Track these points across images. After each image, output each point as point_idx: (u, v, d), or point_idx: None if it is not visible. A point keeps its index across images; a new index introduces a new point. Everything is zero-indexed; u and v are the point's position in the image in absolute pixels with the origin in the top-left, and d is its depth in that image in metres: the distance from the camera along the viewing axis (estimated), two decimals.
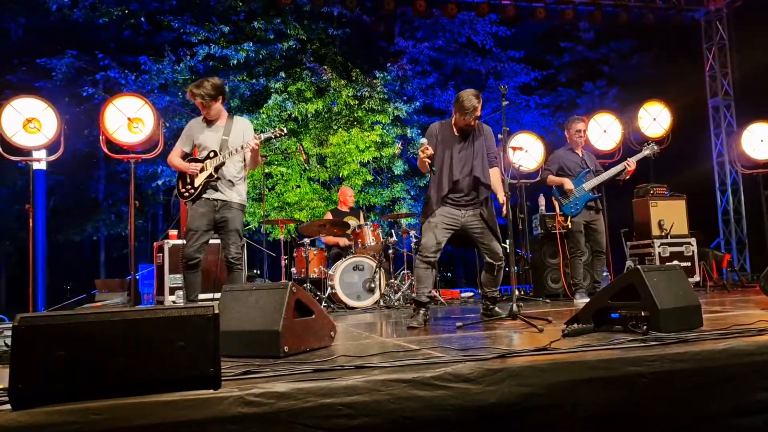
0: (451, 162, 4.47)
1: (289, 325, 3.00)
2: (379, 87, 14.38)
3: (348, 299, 6.82)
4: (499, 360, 2.50)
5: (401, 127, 14.75)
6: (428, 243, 4.43)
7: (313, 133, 14.23)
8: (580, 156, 6.47)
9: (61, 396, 1.95)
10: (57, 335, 1.98)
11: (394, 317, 5.50)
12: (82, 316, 2.05)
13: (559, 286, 7.09)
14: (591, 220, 6.32)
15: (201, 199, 4.75)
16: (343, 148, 13.68)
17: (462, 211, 4.50)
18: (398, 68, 15.05)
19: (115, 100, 7.14)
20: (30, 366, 1.94)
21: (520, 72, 16.76)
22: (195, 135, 4.84)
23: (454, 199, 4.48)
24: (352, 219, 7.96)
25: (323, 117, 14.23)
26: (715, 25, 11.52)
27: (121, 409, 1.93)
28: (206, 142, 4.81)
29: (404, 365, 2.47)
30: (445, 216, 4.46)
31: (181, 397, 2.01)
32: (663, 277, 3.32)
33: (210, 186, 4.75)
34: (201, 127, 4.85)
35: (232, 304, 3.18)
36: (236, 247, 4.79)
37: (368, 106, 14.24)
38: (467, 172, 4.48)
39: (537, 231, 7.54)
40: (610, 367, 2.41)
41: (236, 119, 4.97)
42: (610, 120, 8.64)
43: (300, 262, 7.29)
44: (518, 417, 2.21)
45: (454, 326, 4.15)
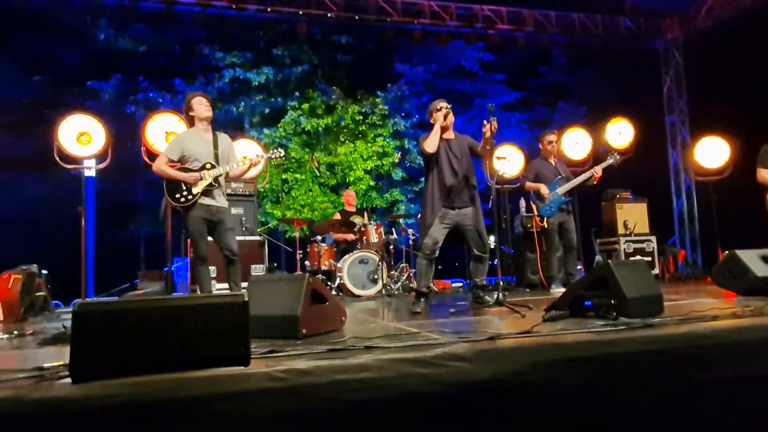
0: (446, 167, 4.48)
1: (307, 311, 3.01)
2: (381, 105, 14.40)
3: (354, 288, 6.82)
4: (489, 341, 2.50)
5: (400, 139, 14.76)
6: (428, 242, 4.43)
7: (323, 144, 14.23)
8: (553, 165, 6.47)
9: (114, 372, 1.95)
10: (110, 319, 1.98)
11: (395, 304, 5.50)
12: (131, 303, 2.05)
13: (537, 278, 7.07)
14: (564, 221, 6.32)
15: (196, 205, 4.64)
16: (349, 157, 13.71)
17: (455, 211, 4.50)
18: (397, 89, 15.07)
19: (155, 117, 7.14)
20: (87, 345, 1.94)
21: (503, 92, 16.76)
22: (187, 146, 4.68)
23: (448, 201, 4.48)
24: (358, 218, 7.96)
25: (332, 131, 14.24)
26: (671, 52, 11.51)
27: (164, 383, 1.93)
28: (199, 154, 4.68)
29: (407, 346, 2.47)
30: (443, 217, 4.47)
31: (216, 373, 2.01)
32: (629, 270, 3.32)
33: (204, 194, 4.66)
34: (194, 140, 4.73)
35: (257, 292, 3.18)
36: (235, 242, 4.77)
37: (371, 121, 14.26)
38: (460, 176, 4.49)
39: (518, 230, 7.54)
40: (586, 348, 2.41)
41: (219, 135, 4.87)
42: (581, 134, 8.62)
43: (313, 256, 7.29)
44: (508, 392, 2.21)
45: (448, 312, 4.15)
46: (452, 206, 4.49)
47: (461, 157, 4.53)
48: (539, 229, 6.51)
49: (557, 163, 6.53)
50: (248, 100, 14.36)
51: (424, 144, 4.51)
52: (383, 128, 14.34)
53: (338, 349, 2.46)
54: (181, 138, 4.81)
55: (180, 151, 4.69)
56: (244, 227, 6.97)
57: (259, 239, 6.96)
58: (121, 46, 14.54)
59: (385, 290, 6.84)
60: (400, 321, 3.81)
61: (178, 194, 4.63)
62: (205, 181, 4.66)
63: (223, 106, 13.92)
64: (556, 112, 17.40)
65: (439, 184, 4.49)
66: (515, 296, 5.70)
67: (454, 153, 4.53)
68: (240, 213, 7.03)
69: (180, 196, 4.63)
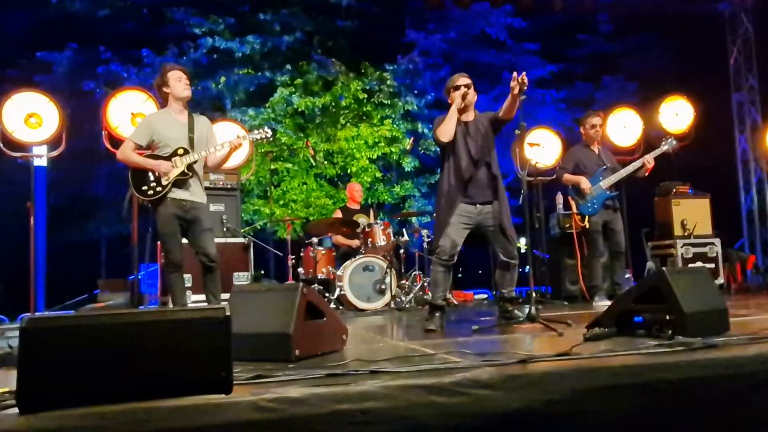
0: (465, 155, 4.48)
1: (301, 328, 3.01)
2: (389, 80, 14.39)
3: (357, 301, 6.82)
4: (520, 365, 2.50)
5: (412, 122, 14.74)
6: (445, 245, 4.42)
7: (320, 128, 14.25)
8: (596, 153, 6.46)
9: (70, 400, 1.96)
10: (66, 337, 1.99)
11: (406, 320, 5.50)
12: (90, 318, 2.06)
13: (577, 288, 7.05)
14: (609, 220, 6.30)
15: (166, 199, 4.61)
16: (351, 143, 13.71)
17: (477, 207, 4.50)
18: (409, 61, 15.03)
19: (118, 95, 7.15)
20: (38, 369, 1.95)
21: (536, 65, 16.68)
22: (157, 130, 4.66)
23: (468, 196, 4.48)
24: (362, 217, 7.96)
25: (331, 111, 14.24)
26: (739, 17, 11.44)
27: (130, 414, 1.94)
28: (171, 139, 4.67)
29: (421, 370, 2.47)
30: (462, 215, 4.45)
31: (191, 402, 2.02)
32: (688, 279, 3.31)
33: (176, 185, 4.63)
34: (164, 122, 4.71)
35: (241, 306, 3.18)
36: (214, 246, 4.75)
37: (378, 100, 14.26)
38: (481, 164, 4.49)
39: (554, 231, 7.52)
40: (635, 373, 2.40)
41: (196, 117, 4.88)
42: (630, 115, 8.59)
43: (308, 262, 7.29)
44: (540, 425, 2.21)
45: (469, 329, 4.15)
46: (472, 202, 4.49)
47: (480, 140, 4.52)
48: (579, 230, 6.47)
49: (601, 151, 6.51)
50: (230, 75, 14.39)
51: (438, 131, 4.51)
52: (392, 109, 14.34)
53: (338, 374, 2.47)
54: (150, 120, 4.80)
55: (149, 136, 4.68)
56: (225, 227, 6.98)
57: (243, 242, 6.97)
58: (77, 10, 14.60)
59: (395, 303, 6.84)
60: (412, 340, 3.81)
61: (146, 186, 4.62)
62: (177, 170, 4.64)
63: (200, 82, 13.95)
64: (600, 90, 17.34)
65: (456, 175, 4.49)
66: (551, 310, 5.68)
67: (473, 137, 4.53)
68: (220, 210, 7.05)
69: (148, 189, 4.61)
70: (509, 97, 4.31)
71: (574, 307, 6.17)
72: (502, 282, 4.66)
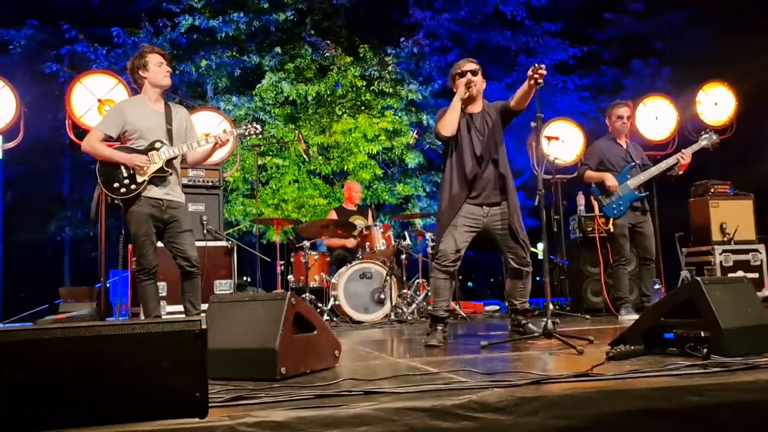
0: (469, 150, 4.48)
1: (288, 342, 3.00)
2: (391, 66, 14.40)
3: (354, 312, 6.82)
4: (533, 387, 2.49)
5: (416, 113, 14.77)
6: (447, 249, 4.43)
7: (313, 119, 14.26)
8: (624, 147, 6.45)
9: (22, 425, 1.95)
10: (21, 354, 1.98)
11: (408, 334, 5.50)
12: (47, 331, 2.05)
13: (600, 300, 7.05)
14: (637, 223, 6.30)
15: (141, 198, 4.62)
16: (348, 137, 13.73)
17: (484, 209, 4.51)
18: (413, 44, 15.05)
19: (84, 79, 7.16)
20: None
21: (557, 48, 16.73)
22: (129, 119, 4.66)
23: (474, 196, 4.48)
24: (359, 219, 7.97)
25: (325, 100, 14.27)
26: None
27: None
28: (146, 130, 4.68)
29: (422, 391, 2.47)
30: (467, 216, 4.46)
31: (162, 427, 2.01)
32: (727, 290, 3.29)
33: (153, 182, 4.65)
34: (139, 111, 4.72)
35: (220, 318, 3.18)
36: (195, 248, 4.78)
37: (378, 88, 14.28)
38: (487, 161, 4.50)
39: (574, 234, 7.51)
40: (665, 396, 2.39)
41: (174, 107, 4.90)
42: (663, 105, 8.59)
43: (298, 269, 7.30)
44: None
45: (478, 345, 4.14)
46: (478, 203, 4.50)
47: (488, 134, 4.53)
48: (603, 234, 6.47)
49: (629, 146, 6.50)
50: (212, 58, 14.40)
51: (439, 124, 4.53)
52: (394, 98, 14.37)
53: (329, 395, 2.46)
54: (122, 108, 4.80)
55: (120, 125, 4.68)
56: (206, 229, 6.99)
57: (225, 245, 6.98)
58: None
59: (395, 315, 6.85)
60: (414, 357, 3.80)
61: (117, 183, 4.62)
62: (155, 165, 4.65)
63: (178, 65, 13.97)
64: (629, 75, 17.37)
65: (460, 173, 4.50)
66: (570, 325, 5.67)
67: (479, 130, 4.54)
68: (200, 210, 7.05)
69: (119, 186, 4.62)
70: (524, 85, 4.31)
71: (597, 322, 6.16)
72: (513, 292, 4.66)
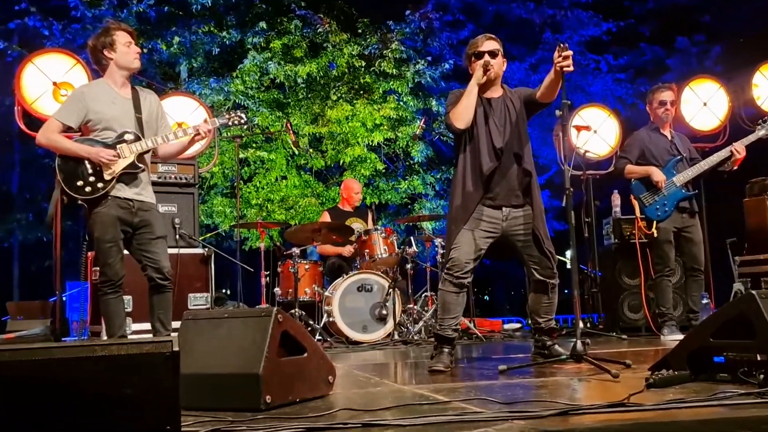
0: (486, 143, 4.47)
1: (274, 366, 3.01)
2: (395, 43, 14.39)
3: (350, 331, 6.83)
4: (560, 418, 2.49)
5: (424, 98, 14.76)
6: (460, 258, 4.41)
7: (304, 105, 14.26)
8: (668, 138, 6.45)
9: None
10: None
11: (414, 356, 5.50)
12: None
13: (639, 317, 7.04)
14: (684, 227, 6.30)
15: (108, 198, 4.64)
16: (345, 126, 13.73)
17: (504, 212, 4.50)
18: (420, 17, 15.06)
19: (36, 59, 7.16)
20: None
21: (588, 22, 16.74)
22: (93, 107, 4.67)
23: (492, 196, 4.48)
24: (357, 222, 7.97)
25: (318, 84, 14.27)
26: None
27: None
28: (112, 119, 4.70)
29: (429, 423, 2.47)
30: (483, 220, 4.46)
31: None
32: None
33: (122, 180, 4.67)
34: (103, 97, 4.73)
35: (195, 337, 3.18)
36: (168, 258, 4.81)
37: (379, 68, 14.28)
38: (508, 156, 4.49)
39: (609, 240, 7.51)
40: (714, 430, 2.39)
41: (142, 91, 4.92)
42: (712, 89, 8.57)
43: (286, 280, 7.31)
44: None
45: (495, 370, 4.14)
46: (497, 204, 4.49)
47: (509, 125, 4.53)
48: (644, 240, 6.47)
49: (674, 137, 6.51)
50: (186, 35, 14.42)
51: (452, 114, 4.49)
52: (398, 80, 14.36)
53: (322, 428, 2.46)
54: (83, 93, 4.80)
55: (82, 114, 4.69)
56: (179, 234, 7.00)
57: (201, 253, 6.99)
58: None
59: (399, 334, 6.85)
60: (420, 383, 3.80)
61: (81, 181, 4.62)
62: (125, 161, 4.67)
63: (146, 42, 14.00)
64: (674, 54, 17.35)
65: (475, 169, 4.48)
66: (603, 346, 5.67)
67: (498, 120, 4.53)
68: (172, 212, 7.06)
69: (84, 184, 4.62)
70: (550, 73, 4.30)
71: (635, 343, 6.16)
72: (537, 308, 4.66)
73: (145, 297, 4.87)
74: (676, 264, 6.45)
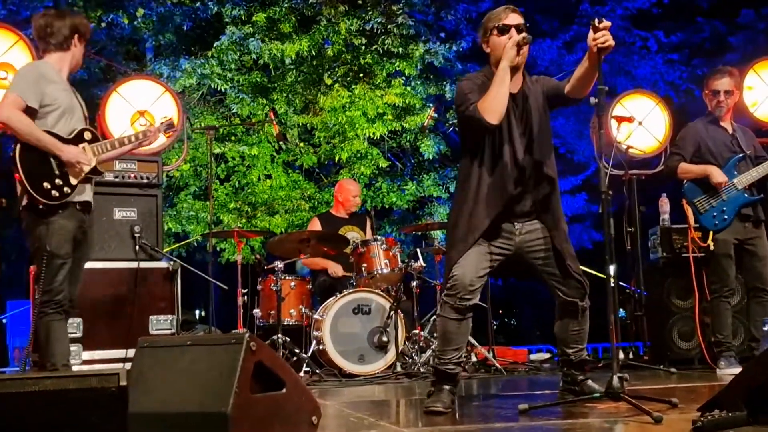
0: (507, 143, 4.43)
1: (245, 404, 3.00)
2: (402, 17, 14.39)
3: (345, 361, 6.82)
4: None
5: (436, 83, 14.75)
6: (464, 277, 4.37)
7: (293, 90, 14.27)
8: (729, 132, 6.44)
9: None
10: None
11: (420, 392, 5.49)
12: None
13: (692, 345, 7.02)
14: (747, 238, 6.29)
15: (69, 206, 4.80)
16: (341, 115, 13.73)
17: (518, 225, 4.49)
18: None
19: None
20: None
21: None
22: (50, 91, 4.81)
23: (507, 206, 4.45)
24: (353, 230, 7.97)
25: (310, 65, 14.28)
26: None
27: None
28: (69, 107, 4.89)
29: None
30: (494, 234, 4.45)
31: None
32: None
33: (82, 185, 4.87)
34: (59, 84, 4.89)
35: (153, 369, 3.17)
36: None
37: (383, 47, 14.26)
38: (529, 160, 4.46)
39: (656, 254, 7.49)
40: None
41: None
42: None
43: (268, 300, 7.32)
44: None
45: (515, 409, 4.13)
46: (512, 216, 4.48)
47: (533, 122, 4.50)
48: (699, 254, 6.44)
49: (737, 130, 6.50)
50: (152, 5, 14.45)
51: (481, 107, 4.40)
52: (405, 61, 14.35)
53: None
54: (41, 71, 4.89)
55: (39, 96, 4.77)
56: (138, 245, 6.99)
57: (166, 267, 6.98)
58: None
59: (402, 365, 6.85)
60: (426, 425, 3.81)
61: (48, 182, 4.72)
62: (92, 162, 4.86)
63: (105, 15, 14.03)
64: (737, 32, 17.33)
65: (492, 173, 4.45)
66: (648, 381, 5.67)
67: (520, 115, 4.50)
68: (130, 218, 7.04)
69: (51, 187, 4.72)
70: (585, 60, 4.27)
71: (686, 377, 6.15)
72: (565, 336, 4.65)
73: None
74: (737, 283, 6.41)
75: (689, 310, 7.03)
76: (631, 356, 7.52)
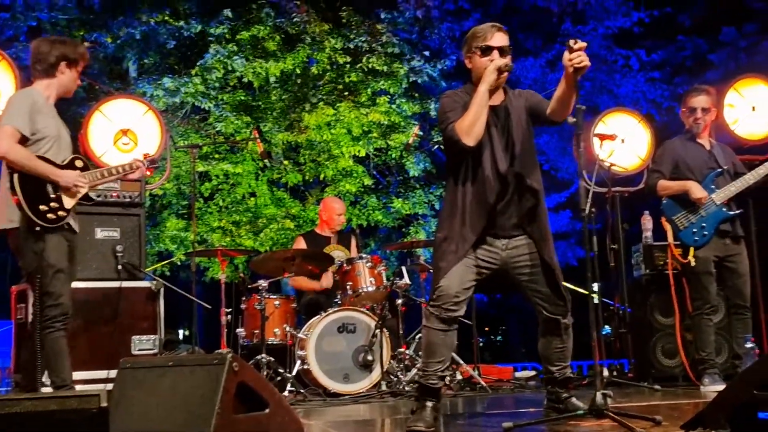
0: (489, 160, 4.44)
1: (228, 425, 3.00)
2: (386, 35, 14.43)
3: (329, 381, 6.79)
4: None
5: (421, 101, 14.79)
6: (450, 287, 4.38)
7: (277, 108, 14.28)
8: (706, 149, 6.47)
9: None
10: None
11: (405, 412, 5.48)
12: None
13: (676, 363, 7.03)
14: (727, 255, 6.31)
15: (64, 228, 4.94)
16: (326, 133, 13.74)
17: (502, 241, 4.49)
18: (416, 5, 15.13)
19: None
20: None
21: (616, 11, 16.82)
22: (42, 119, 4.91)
23: (491, 222, 4.45)
24: (337, 249, 7.96)
25: (294, 83, 14.29)
26: None
27: None
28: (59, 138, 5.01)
29: None
30: (479, 248, 4.45)
31: None
32: None
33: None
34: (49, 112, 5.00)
35: (133, 390, 3.16)
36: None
37: (368, 65, 14.29)
38: (512, 176, 4.46)
39: (639, 271, 7.52)
40: None
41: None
42: (763, 91, 8.59)
43: (252, 319, 7.30)
44: None
45: (499, 428, 4.12)
46: (497, 232, 4.48)
47: (515, 137, 4.50)
48: (680, 270, 6.46)
49: (714, 147, 6.54)
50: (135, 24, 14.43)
51: (458, 127, 4.41)
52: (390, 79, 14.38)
53: None
54: (32, 100, 4.93)
55: (32, 123, 4.85)
56: (120, 264, 6.96)
57: (148, 287, 6.96)
58: None
59: (388, 384, 6.84)
60: None
61: (44, 205, 4.80)
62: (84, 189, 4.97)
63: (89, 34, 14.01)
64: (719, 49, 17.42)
65: (475, 189, 4.46)
66: (632, 399, 5.67)
67: (501, 131, 4.50)
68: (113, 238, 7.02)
69: (48, 210, 4.81)
70: (562, 81, 4.28)
71: (670, 394, 6.16)
72: (549, 354, 4.63)
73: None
74: (719, 299, 6.44)
75: (672, 327, 7.04)
76: (615, 374, 7.52)
